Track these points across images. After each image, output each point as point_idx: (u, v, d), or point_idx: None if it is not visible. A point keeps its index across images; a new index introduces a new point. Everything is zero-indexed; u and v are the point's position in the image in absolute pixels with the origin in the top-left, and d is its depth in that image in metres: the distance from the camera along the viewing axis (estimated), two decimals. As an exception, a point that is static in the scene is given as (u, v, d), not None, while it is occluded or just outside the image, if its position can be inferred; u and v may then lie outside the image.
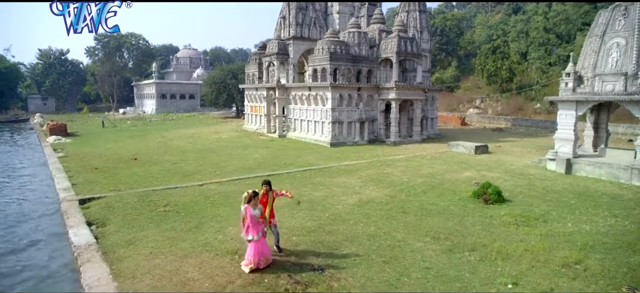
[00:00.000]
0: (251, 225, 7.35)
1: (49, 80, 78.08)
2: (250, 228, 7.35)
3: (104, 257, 7.83)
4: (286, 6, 30.42)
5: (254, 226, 7.35)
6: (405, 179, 15.37)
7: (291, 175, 16.24)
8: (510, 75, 48.98)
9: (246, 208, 7.36)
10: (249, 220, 7.35)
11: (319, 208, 11.33)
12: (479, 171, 16.94)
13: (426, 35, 30.37)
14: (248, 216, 7.35)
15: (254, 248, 7.29)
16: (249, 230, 7.35)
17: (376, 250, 8.36)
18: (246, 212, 7.36)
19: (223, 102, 57.87)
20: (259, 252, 7.31)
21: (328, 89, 25.27)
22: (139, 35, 79.65)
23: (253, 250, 7.29)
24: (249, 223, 7.35)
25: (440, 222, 10.21)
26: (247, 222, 7.37)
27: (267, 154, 21.79)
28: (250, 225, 7.35)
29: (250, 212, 7.34)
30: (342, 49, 26.17)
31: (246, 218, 7.38)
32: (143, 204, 11.68)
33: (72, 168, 17.51)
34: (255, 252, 7.28)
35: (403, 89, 26.35)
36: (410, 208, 11.47)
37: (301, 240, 8.88)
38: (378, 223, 10.12)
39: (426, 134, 29.80)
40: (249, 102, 37.47)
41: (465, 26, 75.35)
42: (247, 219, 7.36)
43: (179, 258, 7.78)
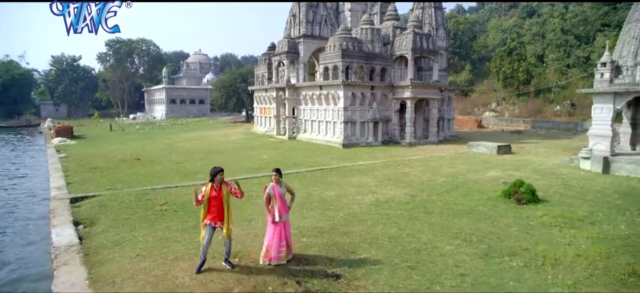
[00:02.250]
0: (282, 205, 6.60)
1: (61, 86, 78.67)
2: (281, 208, 6.59)
3: (84, 260, 6.77)
4: (296, 4, 29.51)
5: (284, 206, 6.63)
6: (426, 178, 14.12)
7: (300, 174, 15.11)
8: (527, 77, 47.30)
9: (273, 187, 6.53)
10: (278, 199, 6.54)
11: (332, 208, 10.17)
12: (504, 170, 15.59)
13: (442, 32, 29.12)
14: (277, 194, 6.53)
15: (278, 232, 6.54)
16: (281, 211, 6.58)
17: (399, 254, 7.16)
18: (274, 191, 6.50)
19: (232, 107, 57.07)
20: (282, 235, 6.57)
21: (340, 87, 24.15)
22: (149, 41, 79.93)
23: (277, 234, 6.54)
24: (280, 203, 6.57)
25: (470, 223, 8.96)
26: (277, 201, 6.54)
27: (275, 155, 20.71)
28: (281, 204, 6.58)
29: (279, 191, 6.55)
30: (355, 45, 25.07)
31: (275, 199, 6.53)
32: (139, 203, 10.67)
33: (70, 168, 16.65)
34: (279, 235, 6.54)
35: (419, 88, 25.10)
36: (434, 208, 10.24)
37: (312, 242, 7.72)
38: (399, 223, 8.91)
39: (443, 136, 28.43)
40: (258, 104, 36.55)
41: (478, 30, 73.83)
42: (277, 198, 6.54)
43: (170, 261, 6.69)
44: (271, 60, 32.60)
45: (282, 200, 6.58)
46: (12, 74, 74.67)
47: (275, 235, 6.51)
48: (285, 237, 6.61)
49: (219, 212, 6.37)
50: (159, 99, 71.49)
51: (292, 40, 29.33)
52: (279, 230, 6.53)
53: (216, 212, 6.35)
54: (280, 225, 6.55)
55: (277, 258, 6.53)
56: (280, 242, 6.53)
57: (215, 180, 6.37)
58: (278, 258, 6.53)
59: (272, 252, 6.50)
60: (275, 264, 6.51)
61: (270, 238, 6.54)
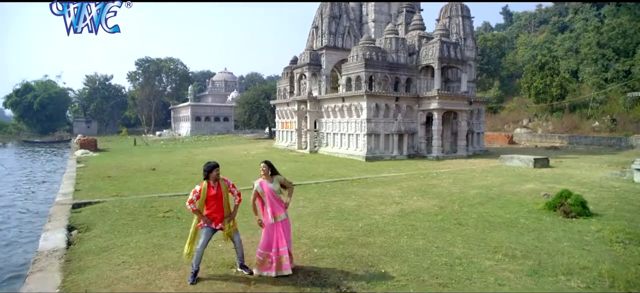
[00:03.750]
0: (276, 203, 5.55)
1: (93, 104, 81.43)
2: (275, 206, 5.55)
3: (63, 266, 5.95)
4: (319, 16, 29.00)
5: (279, 203, 5.58)
6: (456, 190, 12.81)
7: (319, 185, 14.08)
8: (561, 92, 44.89)
9: (261, 183, 5.51)
10: (269, 196, 5.50)
11: (350, 218, 9.07)
12: (543, 183, 14.05)
13: (470, 42, 27.84)
14: (266, 191, 5.50)
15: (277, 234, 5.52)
16: (274, 211, 5.54)
17: (428, 269, 5.98)
18: (262, 188, 5.49)
19: (255, 123, 56.86)
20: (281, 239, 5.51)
21: (363, 98, 23.17)
22: (177, 60, 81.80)
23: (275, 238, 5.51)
24: (272, 201, 5.53)
25: (511, 237, 7.67)
26: (268, 200, 5.51)
27: (294, 167, 19.81)
28: (274, 202, 5.54)
29: (269, 187, 5.52)
30: (379, 55, 24.15)
31: (263, 197, 5.52)
32: (142, 209, 9.91)
33: (84, 176, 16.26)
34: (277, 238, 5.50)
35: (446, 99, 23.80)
36: (468, 220, 8.96)
37: (325, 253, 6.65)
38: (427, 235, 7.72)
39: (472, 150, 26.83)
40: (279, 119, 36.00)
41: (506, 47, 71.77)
42: (267, 195, 5.50)
43: (157, 270, 5.76)
44: (293, 73, 32.09)
45: (274, 197, 5.53)
46: (49, 93, 77.95)
47: (274, 239, 5.49)
48: (285, 240, 5.54)
49: (218, 211, 5.52)
50: (185, 116, 72.51)
51: (314, 52, 28.73)
52: (277, 233, 5.49)
53: (216, 212, 5.50)
54: (278, 226, 5.52)
55: (284, 268, 5.50)
56: (279, 248, 5.47)
57: (210, 177, 5.49)
58: (283, 268, 5.50)
59: (273, 260, 5.48)
60: (276, 275, 5.47)
61: (267, 243, 5.52)
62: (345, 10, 29.00)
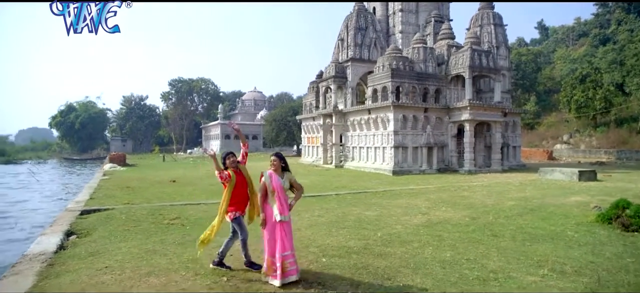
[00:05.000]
0: (284, 201, 4.84)
1: (128, 124, 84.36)
2: (282, 204, 4.83)
3: (42, 270, 5.38)
4: (344, 28, 28.54)
5: (286, 202, 4.88)
6: (490, 202, 11.57)
7: (340, 196, 13.17)
8: (605, 106, 42.00)
9: (271, 175, 4.85)
10: (278, 191, 4.81)
11: (368, 228, 8.13)
12: (592, 196, 12.52)
13: (504, 51, 26.43)
14: (275, 185, 4.79)
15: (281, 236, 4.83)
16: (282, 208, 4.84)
17: (456, 283, 4.98)
18: (271, 181, 4.82)
19: (283, 140, 56.67)
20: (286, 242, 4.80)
21: (389, 109, 22.22)
22: (208, 80, 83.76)
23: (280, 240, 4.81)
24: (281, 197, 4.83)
25: (557, 250, 6.49)
26: (276, 195, 4.81)
27: (317, 180, 19.00)
28: (282, 199, 4.83)
29: (278, 181, 4.84)
30: (406, 65, 23.23)
31: (272, 191, 4.83)
32: (149, 217, 9.38)
33: (104, 187, 16.16)
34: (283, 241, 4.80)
35: (478, 109, 22.44)
36: (504, 231, 7.81)
37: (335, 263, 5.76)
38: (456, 247, 6.67)
39: (508, 164, 25.11)
40: (305, 134, 35.47)
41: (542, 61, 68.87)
42: (276, 190, 4.80)
43: (139, 276, 5.07)
44: (318, 87, 31.61)
45: (283, 193, 4.83)
46: (90, 113, 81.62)
47: (278, 241, 4.75)
48: (289, 244, 4.79)
49: (243, 198, 5.32)
50: (215, 135, 73.64)
51: (340, 65, 28.16)
52: (281, 234, 4.75)
53: (241, 198, 5.29)
54: (282, 227, 4.78)
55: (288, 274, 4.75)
56: (283, 253, 4.72)
57: (227, 163, 5.23)
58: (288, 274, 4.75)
59: (277, 267, 4.72)
60: (281, 283, 4.68)
61: (271, 247, 4.81)
62: (371, 22, 28.40)
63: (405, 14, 28.37)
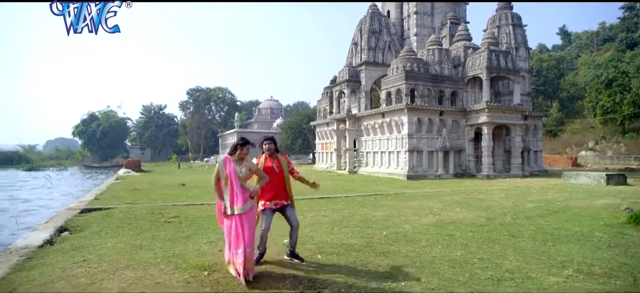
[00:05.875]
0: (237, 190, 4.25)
1: (147, 133, 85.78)
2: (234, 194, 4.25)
3: (17, 263, 5.04)
4: (358, 32, 28.13)
5: (242, 192, 4.27)
6: (509, 203, 10.83)
7: (349, 198, 12.63)
8: (635, 110, 40.14)
9: (226, 160, 4.30)
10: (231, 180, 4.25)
11: (374, 227, 7.57)
12: (622, 199, 11.60)
13: (523, 52, 25.48)
14: (229, 172, 4.24)
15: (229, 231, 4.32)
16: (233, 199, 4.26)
17: (466, 284, 4.39)
18: (225, 166, 4.27)
19: (299, 148, 56.38)
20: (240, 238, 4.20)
21: (404, 112, 21.58)
22: (225, 89, 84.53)
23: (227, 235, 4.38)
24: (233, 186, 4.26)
25: (584, 251, 5.80)
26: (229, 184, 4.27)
27: (328, 184, 18.46)
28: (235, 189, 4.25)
29: (233, 167, 4.26)
30: (420, 67, 22.60)
31: (225, 179, 4.29)
32: (149, 215, 9.04)
33: (113, 189, 16.07)
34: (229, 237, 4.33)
35: (497, 111, 21.56)
36: (523, 232, 7.13)
37: (331, 260, 5.24)
38: (469, 246, 6.05)
39: (529, 170, 24.03)
40: (319, 140, 35.05)
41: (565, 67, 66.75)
42: (229, 178, 4.26)
43: (115, 269, 4.67)
44: (332, 93, 31.20)
45: (237, 181, 4.28)
46: (110, 122, 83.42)
47: (232, 236, 4.26)
48: (243, 240, 4.19)
49: (280, 188, 4.87)
50: (231, 143, 73.78)
51: (354, 69, 27.71)
52: (236, 229, 4.23)
53: (277, 188, 4.83)
54: (235, 220, 4.25)
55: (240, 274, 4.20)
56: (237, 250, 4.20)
57: (265, 148, 4.83)
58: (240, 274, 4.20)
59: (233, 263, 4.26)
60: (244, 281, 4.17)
61: (228, 242, 4.37)
62: (385, 25, 27.91)
63: (420, 17, 27.77)
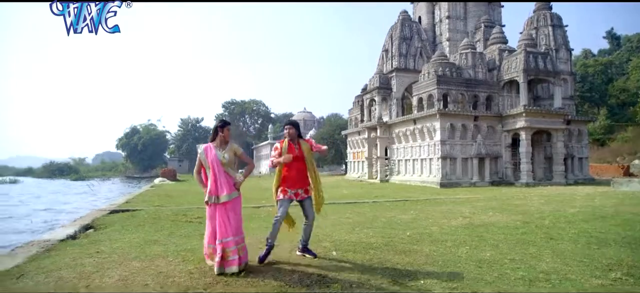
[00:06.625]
0: (221, 178, 4.07)
1: (185, 145, 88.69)
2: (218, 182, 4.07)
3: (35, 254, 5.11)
4: (389, 38, 27.78)
5: (226, 179, 4.06)
6: (548, 209, 10.06)
7: (377, 203, 12.23)
8: (697, 115, 37.01)
9: (207, 149, 4.11)
10: (213, 167, 4.07)
11: (398, 228, 7.18)
12: (682, 206, 10.50)
13: (564, 53, 24.14)
14: (210, 160, 4.05)
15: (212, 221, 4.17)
16: (216, 188, 4.08)
17: (494, 283, 3.96)
18: (206, 154, 4.09)
19: (331, 159, 56.24)
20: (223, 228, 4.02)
21: (436, 118, 20.91)
22: (260, 102, 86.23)
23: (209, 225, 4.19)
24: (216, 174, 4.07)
25: (633, 255, 5.16)
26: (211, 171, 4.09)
27: (357, 191, 18.11)
28: (218, 176, 4.06)
29: (215, 154, 4.05)
30: (453, 71, 21.90)
31: (208, 167, 4.13)
32: (173, 216, 9.10)
33: (147, 194, 16.50)
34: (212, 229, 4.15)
35: (536, 115, 20.44)
36: (563, 235, 6.51)
37: (347, 257, 4.94)
38: (499, 247, 5.56)
39: (573, 178, 22.53)
40: (351, 149, 34.72)
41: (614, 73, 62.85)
42: (210, 165, 4.09)
43: (122, 261, 4.62)
44: (363, 101, 30.88)
45: (220, 168, 4.07)
46: (151, 135, 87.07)
47: (217, 226, 4.07)
48: (231, 229, 4.01)
49: (302, 176, 4.57)
50: (265, 155, 74.94)
51: (384, 76, 27.32)
52: (220, 218, 4.04)
53: (298, 175, 4.53)
54: (220, 209, 4.05)
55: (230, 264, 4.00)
56: (223, 239, 4.00)
57: (285, 133, 4.63)
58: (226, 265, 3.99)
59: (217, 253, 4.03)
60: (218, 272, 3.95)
61: (211, 232, 4.18)
62: (416, 31, 27.40)
63: (452, 21, 27.06)
